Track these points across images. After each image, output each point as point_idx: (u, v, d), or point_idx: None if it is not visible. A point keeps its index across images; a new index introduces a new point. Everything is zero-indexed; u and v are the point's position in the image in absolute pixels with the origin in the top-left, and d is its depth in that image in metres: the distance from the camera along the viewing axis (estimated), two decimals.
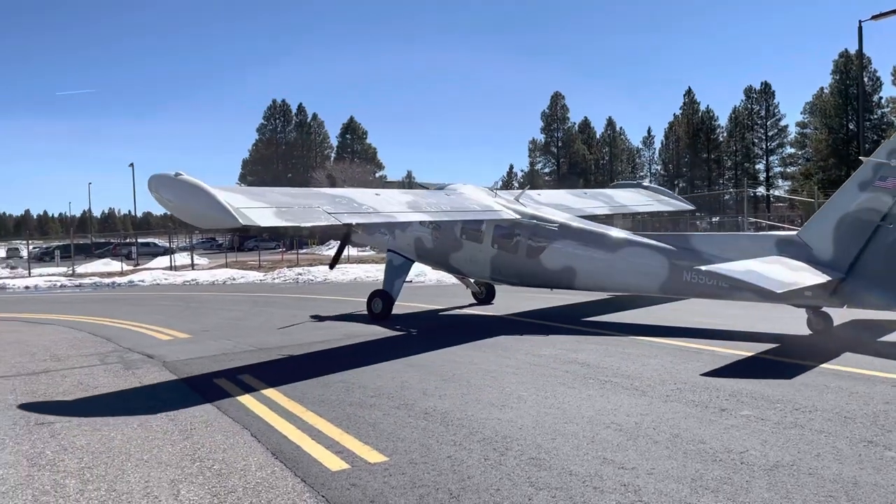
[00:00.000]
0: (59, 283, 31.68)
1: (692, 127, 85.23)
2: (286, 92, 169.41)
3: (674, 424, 6.11)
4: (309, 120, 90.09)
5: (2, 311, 19.19)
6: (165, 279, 31.08)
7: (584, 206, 16.32)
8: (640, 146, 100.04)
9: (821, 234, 9.71)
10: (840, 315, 10.53)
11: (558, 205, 15.29)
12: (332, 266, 17.20)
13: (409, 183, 71.63)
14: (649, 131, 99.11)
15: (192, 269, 38.20)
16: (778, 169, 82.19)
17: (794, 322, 10.70)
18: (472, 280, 15.62)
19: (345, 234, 16.36)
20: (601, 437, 5.79)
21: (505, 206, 13.50)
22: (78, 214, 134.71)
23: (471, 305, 15.92)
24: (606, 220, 18.19)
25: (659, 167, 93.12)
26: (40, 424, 6.83)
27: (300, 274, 29.16)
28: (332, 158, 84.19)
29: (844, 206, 9.52)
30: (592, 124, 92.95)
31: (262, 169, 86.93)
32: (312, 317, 14.84)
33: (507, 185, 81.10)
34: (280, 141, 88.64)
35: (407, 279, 15.64)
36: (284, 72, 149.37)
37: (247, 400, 7.50)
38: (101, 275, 36.55)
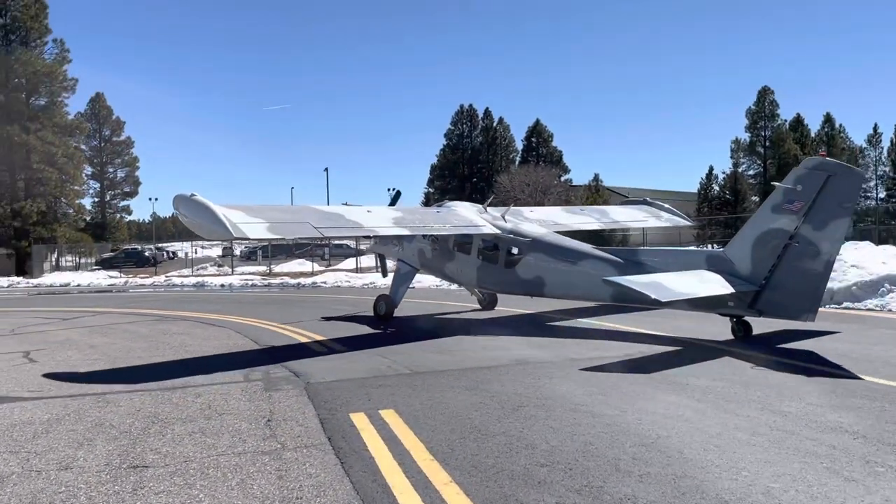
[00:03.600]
0: (250, 283, 32.97)
1: None
2: (474, 97, 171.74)
3: None
4: (495, 124, 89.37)
5: (188, 310, 19.56)
6: (347, 282, 31.14)
7: (572, 222, 17.42)
8: (864, 145, 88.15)
9: (741, 250, 10.68)
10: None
11: (546, 221, 16.30)
12: (384, 275, 20.15)
13: (595, 187, 68.24)
14: (875, 128, 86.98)
15: (376, 270, 38.31)
16: None
17: None
18: (475, 289, 16.66)
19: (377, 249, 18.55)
20: None
21: (488, 222, 14.58)
22: None
23: (474, 310, 17.32)
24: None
25: (887, 168, 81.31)
26: (132, 468, 5.56)
27: None
28: (516, 162, 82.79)
29: (760, 227, 10.49)
30: (806, 121, 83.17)
31: (449, 174, 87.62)
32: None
33: (705, 188, 74.61)
34: (466, 146, 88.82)
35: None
36: (473, 77, 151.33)
37: (379, 453, 5.75)
38: (292, 275, 37.81)
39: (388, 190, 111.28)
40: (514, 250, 14.18)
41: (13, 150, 50.89)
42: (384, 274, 19.76)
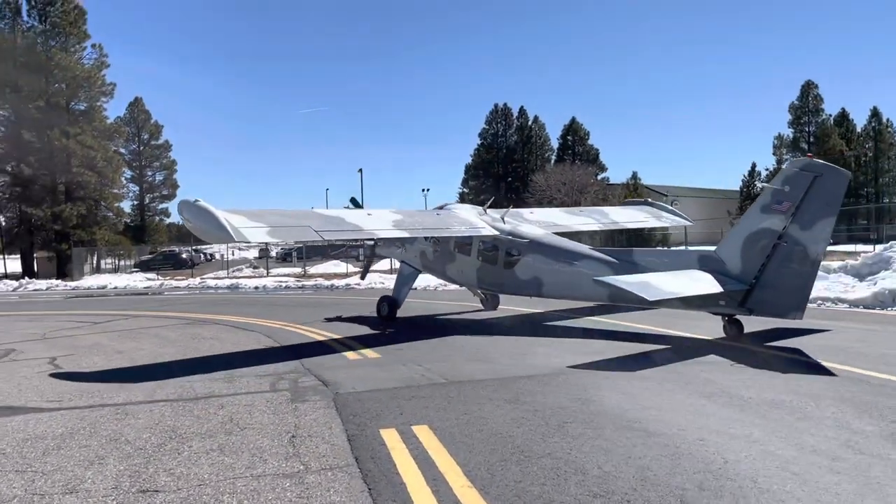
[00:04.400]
0: (284, 285, 32.75)
1: None
2: (508, 96, 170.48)
3: None
4: (530, 123, 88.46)
5: (220, 313, 19.27)
6: (381, 283, 30.68)
7: (571, 223, 17.45)
8: None
9: (732, 250, 10.82)
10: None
11: (545, 222, 16.45)
12: (362, 277, 21.82)
13: (633, 185, 66.81)
14: None
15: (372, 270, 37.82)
16: None
17: None
18: (476, 289, 16.71)
19: (370, 249, 18.70)
20: None
21: (487, 224, 14.72)
22: None
23: (477, 311, 17.43)
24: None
25: None
26: (142, 493, 5.08)
27: None
28: (552, 161, 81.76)
29: (750, 227, 10.65)
30: (852, 116, 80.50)
31: (483, 173, 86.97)
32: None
33: (748, 186, 72.62)
34: (501, 145, 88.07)
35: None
36: (507, 76, 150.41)
37: (411, 478, 5.18)
38: (327, 276, 37.54)
39: (423, 191, 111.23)
40: (513, 251, 14.30)
41: (54, 154, 51.72)
42: (363, 276, 21.24)
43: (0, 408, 8.09)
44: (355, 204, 17.13)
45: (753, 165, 74.79)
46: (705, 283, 10.63)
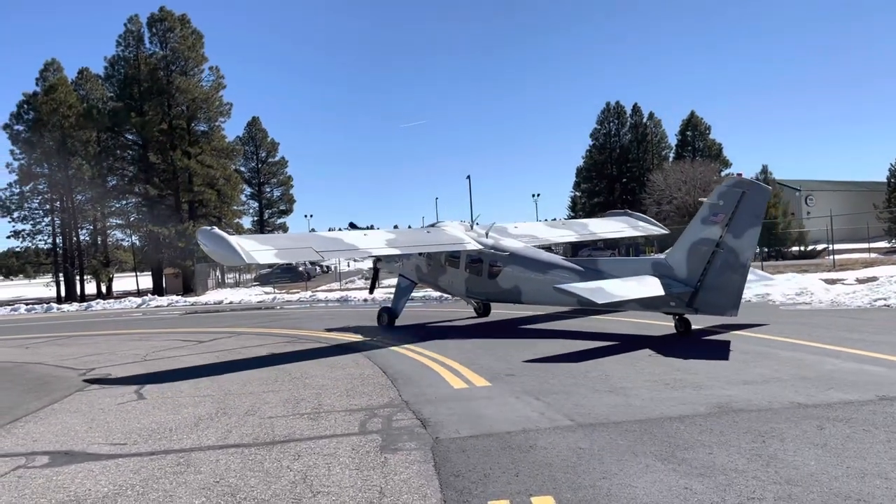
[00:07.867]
0: None
1: None
2: (620, 93, 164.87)
3: None
4: (644, 120, 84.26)
5: (323, 330, 18.30)
6: None
7: (551, 236, 19.22)
8: None
9: (679, 257, 12.16)
10: None
11: (527, 235, 17.90)
12: (370, 292, 22.90)
13: (763, 180, 61.60)
14: None
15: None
16: None
17: None
18: (468, 298, 17.79)
19: (374, 266, 20.75)
20: None
21: (473, 239, 16.05)
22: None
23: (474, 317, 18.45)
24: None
25: None
26: None
27: None
28: (670, 159, 77.32)
29: (692, 236, 11.98)
30: None
31: (596, 175, 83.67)
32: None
33: (894, 177, 65.29)
34: (614, 145, 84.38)
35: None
36: (618, 73, 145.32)
37: None
38: None
39: (533, 196, 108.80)
40: (496, 263, 15.59)
41: (177, 174, 54.00)
42: (371, 290, 22.41)
43: (58, 453, 7.12)
44: (353, 227, 18.21)
45: None
46: (650, 287, 11.98)
